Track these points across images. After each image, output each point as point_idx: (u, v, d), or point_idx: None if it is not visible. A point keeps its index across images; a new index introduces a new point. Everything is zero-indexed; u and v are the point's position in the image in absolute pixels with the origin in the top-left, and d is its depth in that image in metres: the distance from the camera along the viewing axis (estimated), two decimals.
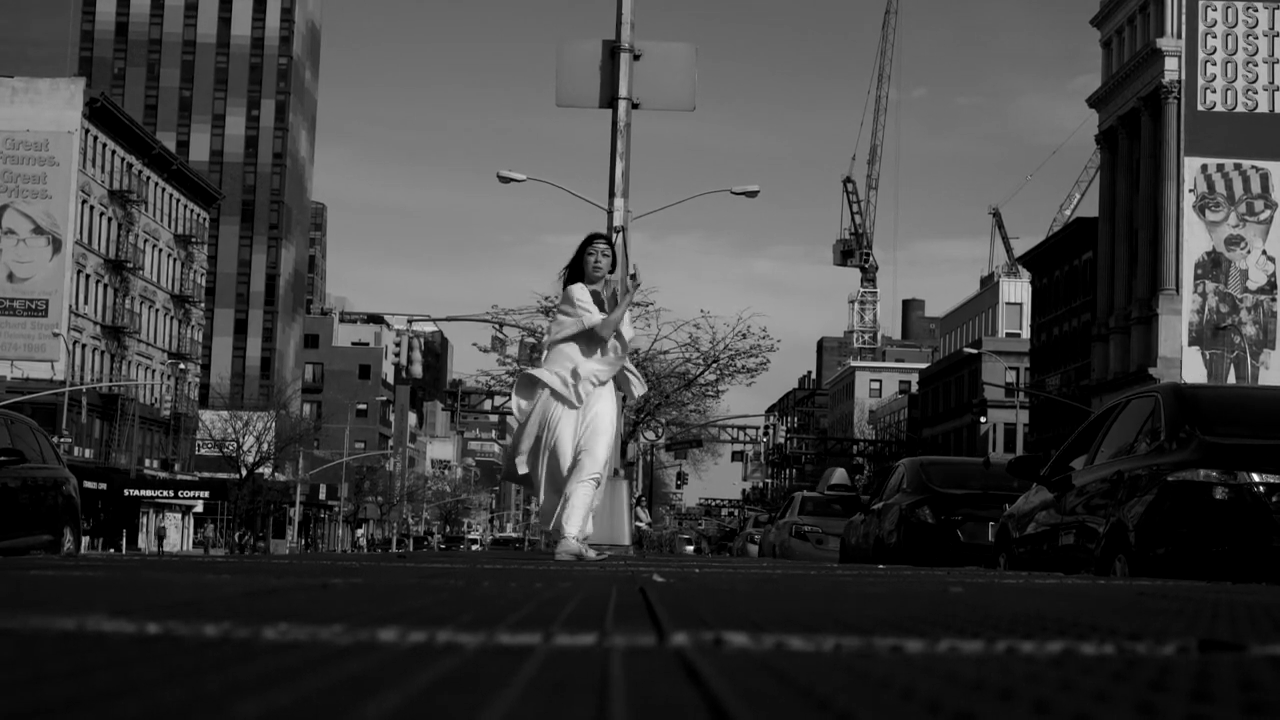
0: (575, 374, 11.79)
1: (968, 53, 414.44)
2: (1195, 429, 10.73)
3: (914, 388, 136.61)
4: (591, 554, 11.32)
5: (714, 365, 54.96)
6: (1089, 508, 11.85)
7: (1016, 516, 13.95)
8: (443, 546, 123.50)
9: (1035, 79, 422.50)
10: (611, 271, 12.09)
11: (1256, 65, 75.55)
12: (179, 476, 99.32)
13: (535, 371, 12.27)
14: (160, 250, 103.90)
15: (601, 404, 11.88)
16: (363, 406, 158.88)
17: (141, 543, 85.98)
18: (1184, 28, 75.32)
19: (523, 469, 12.12)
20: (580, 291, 11.96)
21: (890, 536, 20.32)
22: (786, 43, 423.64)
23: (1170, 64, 74.98)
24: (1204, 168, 74.46)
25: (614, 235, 13.20)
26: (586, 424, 11.75)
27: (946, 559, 18.36)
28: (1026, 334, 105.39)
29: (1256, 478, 10.10)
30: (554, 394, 11.81)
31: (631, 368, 12.37)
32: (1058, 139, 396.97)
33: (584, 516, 11.51)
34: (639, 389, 12.37)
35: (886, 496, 21.43)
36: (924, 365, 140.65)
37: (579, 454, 11.65)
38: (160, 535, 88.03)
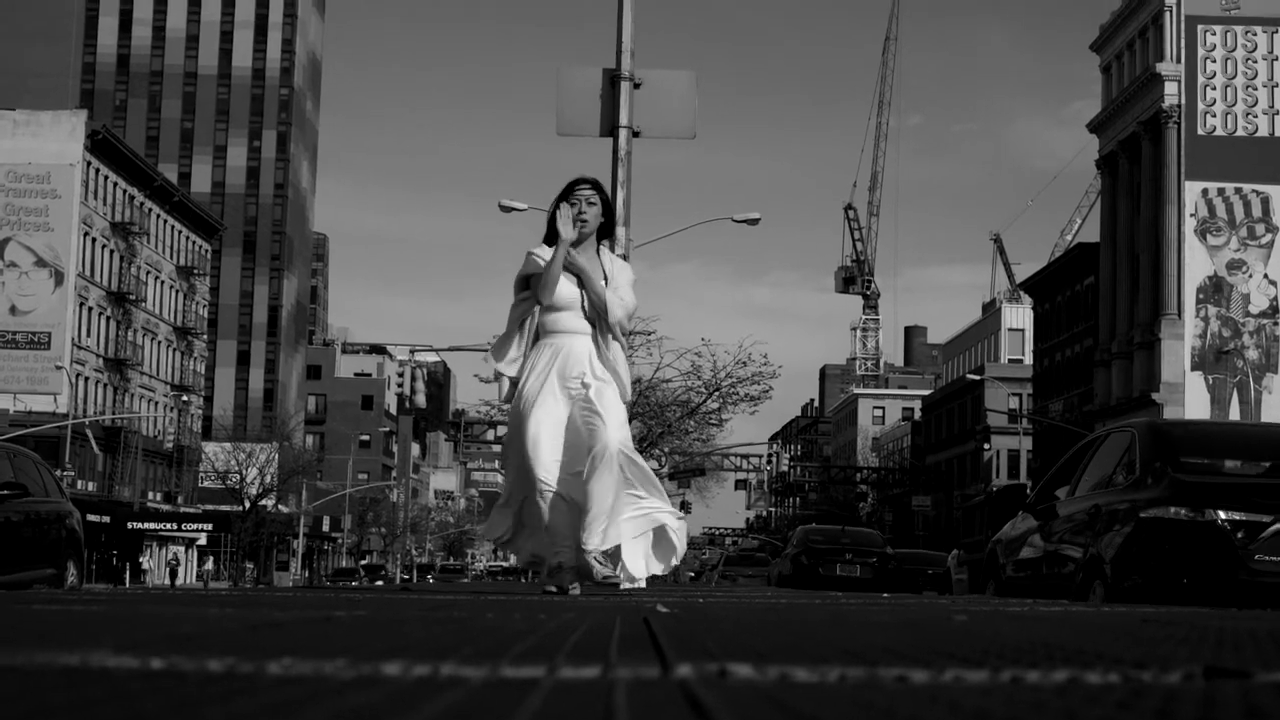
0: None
1: (961, 80, 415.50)
2: (1167, 466, 11.38)
3: (917, 414, 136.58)
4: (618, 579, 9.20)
5: (716, 393, 54.90)
6: (1070, 537, 12.47)
7: (1004, 543, 14.49)
8: (404, 578, 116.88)
9: (1030, 106, 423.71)
10: (607, 226, 9.61)
11: (1256, 89, 75.69)
12: (182, 509, 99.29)
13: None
14: (162, 282, 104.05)
15: (602, 386, 9.24)
16: (366, 437, 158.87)
17: (171, 579, 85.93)
18: (1183, 52, 75.48)
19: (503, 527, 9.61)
20: (534, 258, 9.39)
21: (787, 571, 34.78)
22: (787, 70, 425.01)
23: (1170, 88, 75.13)
24: (1205, 192, 74.56)
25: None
26: (584, 408, 9.20)
27: (815, 585, 31.26)
28: (1029, 360, 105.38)
29: (1223, 515, 10.72)
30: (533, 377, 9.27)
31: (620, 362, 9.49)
32: (1054, 165, 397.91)
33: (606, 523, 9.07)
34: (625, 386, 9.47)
35: (788, 548, 37.07)
36: (927, 392, 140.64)
37: (589, 437, 9.06)
38: (173, 569, 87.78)
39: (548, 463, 9.08)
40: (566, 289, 9.29)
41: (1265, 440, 12.90)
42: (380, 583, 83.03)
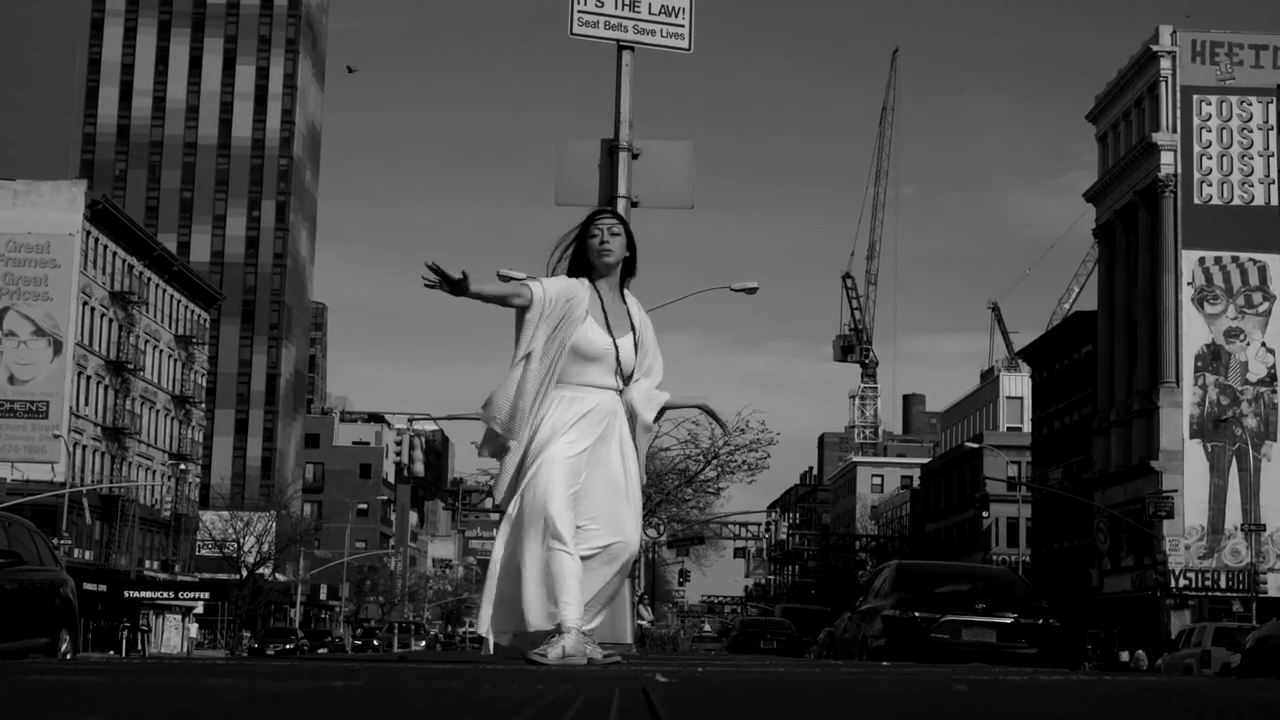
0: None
1: (956, 150, 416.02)
2: (900, 587, 19.69)
3: (916, 482, 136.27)
4: (597, 654, 8.05)
5: (714, 461, 54.86)
6: (856, 625, 21.09)
7: (839, 628, 23.99)
8: (358, 643, 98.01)
9: (1025, 175, 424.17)
10: (630, 260, 8.52)
11: (1252, 159, 75.96)
12: (179, 577, 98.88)
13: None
14: (161, 351, 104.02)
15: (633, 468, 8.31)
16: (364, 506, 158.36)
17: (140, 644, 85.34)
18: (1179, 122, 75.80)
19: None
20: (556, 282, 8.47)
21: (731, 645, 54.60)
22: (784, 140, 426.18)
23: (1166, 158, 75.41)
24: (1202, 260, 74.72)
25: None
26: (613, 487, 8.16)
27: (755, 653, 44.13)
28: (1027, 428, 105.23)
29: (917, 613, 18.80)
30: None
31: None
32: (1050, 234, 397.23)
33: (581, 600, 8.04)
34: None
35: (733, 630, 60.46)
36: (925, 460, 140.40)
37: (613, 522, 8.09)
38: (142, 634, 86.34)
39: (569, 524, 7.98)
40: (600, 338, 8.24)
41: (962, 574, 23.11)
42: (324, 650, 78.57)
